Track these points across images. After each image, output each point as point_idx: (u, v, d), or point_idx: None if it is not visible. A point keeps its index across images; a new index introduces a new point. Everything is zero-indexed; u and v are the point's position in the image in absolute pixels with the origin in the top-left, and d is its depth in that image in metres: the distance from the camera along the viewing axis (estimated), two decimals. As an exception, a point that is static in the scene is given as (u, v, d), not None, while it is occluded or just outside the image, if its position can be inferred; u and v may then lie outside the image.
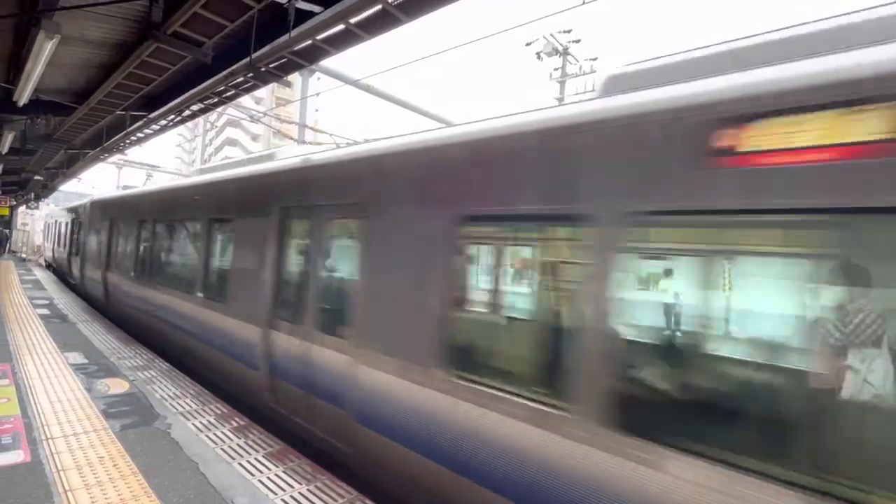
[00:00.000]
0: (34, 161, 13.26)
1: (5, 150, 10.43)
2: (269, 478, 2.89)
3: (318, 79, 19.59)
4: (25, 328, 6.53)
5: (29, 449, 2.99)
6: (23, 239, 31.60)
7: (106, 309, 8.82)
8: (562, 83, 17.24)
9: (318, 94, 13.55)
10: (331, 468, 3.13)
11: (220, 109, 8.85)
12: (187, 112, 8.42)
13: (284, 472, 2.98)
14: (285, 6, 4.57)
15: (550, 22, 21.42)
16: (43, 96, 7.35)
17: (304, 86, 16.76)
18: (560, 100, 17.25)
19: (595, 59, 16.78)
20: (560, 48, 17.02)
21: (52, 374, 4.54)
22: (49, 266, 19.69)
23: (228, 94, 7.37)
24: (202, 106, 8.00)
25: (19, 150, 10.93)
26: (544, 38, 16.84)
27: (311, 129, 16.82)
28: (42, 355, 5.21)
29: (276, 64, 5.81)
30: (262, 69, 5.80)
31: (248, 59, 5.31)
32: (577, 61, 17.14)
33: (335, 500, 2.71)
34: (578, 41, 17.02)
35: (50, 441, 3.12)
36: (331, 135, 15.26)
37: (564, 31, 16.87)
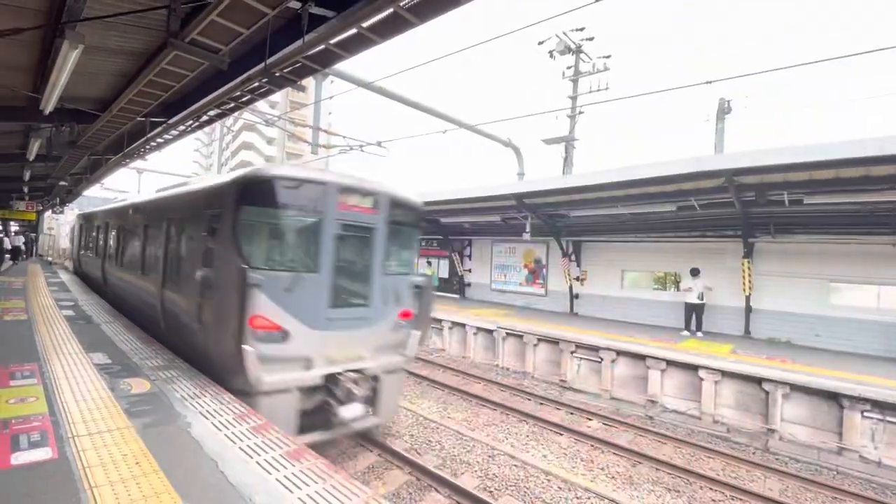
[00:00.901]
0: (59, 167, 13.69)
1: (32, 157, 10.78)
2: (285, 476, 2.93)
3: (332, 82, 19.73)
4: (52, 329, 6.74)
5: (56, 446, 3.09)
6: (49, 243, 32.62)
7: (79, 271, 16.22)
8: (574, 81, 17.08)
9: (331, 98, 13.66)
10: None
11: (235, 114, 9.01)
12: (205, 117, 8.60)
13: (301, 471, 3.02)
14: (299, 12, 4.64)
15: (564, 20, 21.17)
16: (67, 104, 7.59)
17: (317, 89, 16.91)
18: (573, 98, 17.08)
19: (608, 57, 16.56)
20: (573, 46, 16.85)
21: (77, 374, 4.68)
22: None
23: (244, 99, 7.51)
24: (219, 111, 8.16)
25: (45, 156, 11.29)
26: (557, 36, 16.68)
27: (325, 131, 16.96)
28: (68, 355, 5.37)
29: (290, 69, 5.90)
30: (277, 74, 5.90)
31: (262, 65, 5.40)
32: (591, 59, 16.94)
33: (350, 500, 2.73)
34: (592, 39, 16.82)
35: (76, 439, 3.22)
36: (344, 137, 15.35)
37: (577, 29, 16.69)
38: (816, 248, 10.50)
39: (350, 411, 5.34)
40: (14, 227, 27.29)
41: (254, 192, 4.94)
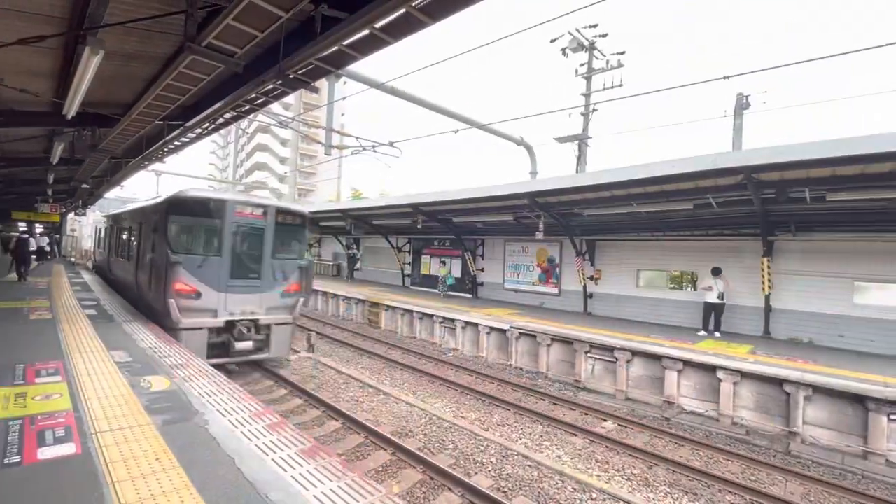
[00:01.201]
0: (81, 170, 14.01)
1: (56, 161, 11.09)
2: (300, 474, 2.96)
3: (345, 83, 19.85)
4: (75, 328, 6.93)
5: (80, 442, 3.17)
6: (72, 244, 33.54)
7: (95, 265, 19.16)
8: (588, 78, 16.89)
9: (344, 99, 13.76)
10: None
11: (250, 116, 9.15)
12: (220, 120, 8.72)
13: (315, 468, 3.05)
14: (312, 14, 4.67)
15: (574, 18, 20.98)
16: (89, 109, 7.78)
17: (330, 91, 17.03)
18: (586, 95, 16.91)
19: (622, 54, 16.34)
20: (586, 43, 16.67)
21: (99, 372, 4.80)
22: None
23: (259, 101, 7.58)
24: (234, 113, 8.27)
25: (68, 160, 11.60)
26: (569, 33, 16.52)
27: (338, 132, 17.08)
28: (90, 353, 5.52)
29: (303, 70, 5.94)
30: (291, 76, 5.94)
31: (277, 67, 5.46)
32: (604, 56, 16.74)
33: (364, 498, 2.75)
34: (605, 35, 16.61)
35: (98, 435, 3.31)
36: (356, 138, 15.45)
37: (590, 26, 16.50)
38: (840, 245, 10.20)
39: (242, 345, 8.24)
40: (38, 228, 28.13)
41: (176, 206, 7.98)
